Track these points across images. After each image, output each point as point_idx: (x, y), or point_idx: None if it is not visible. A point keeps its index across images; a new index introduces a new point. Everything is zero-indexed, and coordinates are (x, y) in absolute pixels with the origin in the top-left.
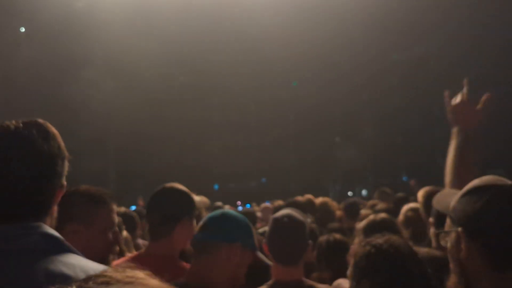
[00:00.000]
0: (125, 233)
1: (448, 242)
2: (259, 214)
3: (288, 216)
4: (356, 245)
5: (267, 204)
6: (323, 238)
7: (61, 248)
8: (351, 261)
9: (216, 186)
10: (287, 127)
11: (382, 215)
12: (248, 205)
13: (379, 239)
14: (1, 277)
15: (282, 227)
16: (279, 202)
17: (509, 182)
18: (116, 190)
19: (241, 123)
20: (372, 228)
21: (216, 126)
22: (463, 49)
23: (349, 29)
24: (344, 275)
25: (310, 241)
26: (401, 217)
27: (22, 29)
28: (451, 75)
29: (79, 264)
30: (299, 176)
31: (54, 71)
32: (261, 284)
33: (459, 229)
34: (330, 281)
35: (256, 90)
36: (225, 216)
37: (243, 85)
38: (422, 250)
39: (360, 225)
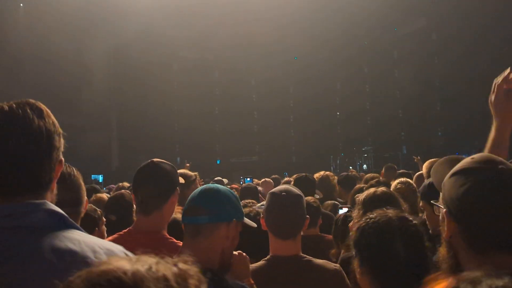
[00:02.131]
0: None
1: (440, 213)
2: (260, 188)
3: (286, 191)
4: (355, 217)
5: (267, 179)
6: (340, 216)
7: (65, 225)
8: (351, 236)
9: (218, 161)
10: (288, 101)
11: (383, 188)
12: (248, 180)
13: (374, 214)
14: (9, 253)
15: (280, 201)
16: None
17: (499, 162)
18: (119, 165)
19: (242, 97)
20: (372, 201)
21: (218, 101)
22: (463, 23)
23: (351, 3)
24: None
25: (307, 216)
26: (392, 186)
27: (21, 4)
28: (452, 47)
29: (83, 240)
30: (300, 151)
31: (56, 47)
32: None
33: (444, 210)
34: None
35: (256, 65)
36: (215, 195)
37: (244, 61)
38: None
39: (360, 197)
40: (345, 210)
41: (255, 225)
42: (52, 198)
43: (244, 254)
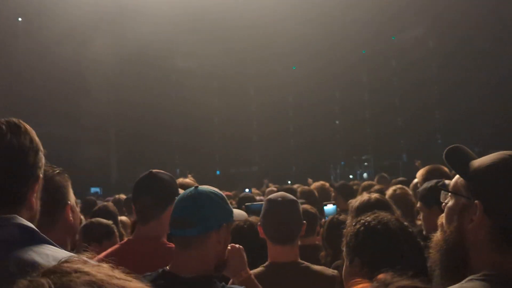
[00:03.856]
0: (124, 217)
1: (451, 201)
2: (257, 198)
3: (282, 196)
4: (349, 224)
5: (272, 187)
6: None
7: (35, 239)
8: (344, 240)
9: (218, 172)
10: (287, 111)
11: (376, 195)
12: (246, 191)
13: (368, 217)
14: None
15: (276, 207)
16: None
17: None
18: (119, 177)
19: (241, 108)
20: (365, 208)
21: (217, 112)
22: (462, 32)
23: (349, 12)
24: None
25: (304, 221)
26: (389, 192)
27: (19, 18)
28: (450, 56)
29: (53, 254)
30: (300, 160)
31: (54, 60)
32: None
33: (477, 201)
34: None
35: (255, 75)
36: (199, 202)
37: (243, 70)
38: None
39: (354, 204)
40: (330, 207)
41: (245, 216)
42: (31, 215)
43: (237, 246)
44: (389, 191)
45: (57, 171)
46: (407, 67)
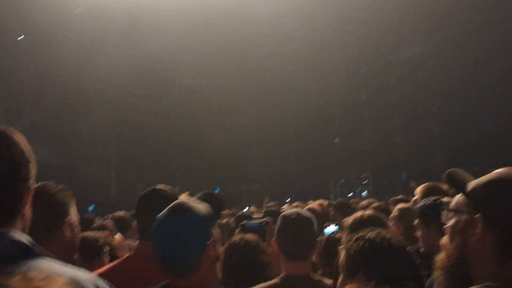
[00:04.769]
0: (118, 235)
1: (452, 220)
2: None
3: (297, 213)
4: (345, 241)
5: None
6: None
7: (30, 254)
8: (343, 255)
9: (217, 190)
10: (287, 128)
11: (369, 212)
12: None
13: (371, 233)
14: None
15: (291, 223)
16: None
17: None
18: (117, 195)
19: (242, 126)
20: (359, 225)
21: (217, 130)
22: (460, 47)
23: (346, 29)
24: None
25: (319, 238)
26: (395, 212)
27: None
28: (449, 74)
29: (49, 268)
30: (300, 178)
31: (54, 79)
32: None
33: (478, 215)
34: None
35: (255, 94)
36: (186, 231)
37: (243, 90)
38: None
39: (348, 221)
40: (331, 229)
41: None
42: (24, 226)
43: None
44: (395, 212)
45: (61, 188)
46: (406, 85)
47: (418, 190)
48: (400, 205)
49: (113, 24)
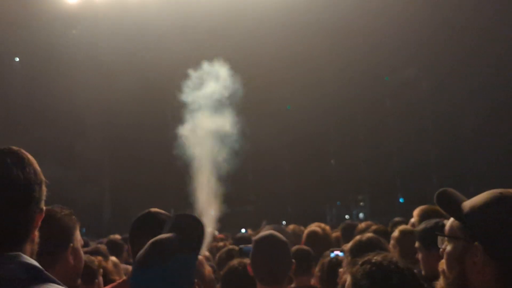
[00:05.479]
0: (114, 258)
1: (449, 246)
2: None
3: (270, 237)
4: (346, 265)
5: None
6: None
7: (39, 278)
8: (349, 280)
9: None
10: (282, 150)
11: (368, 235)
12: (243, 230)
13: (376, 257)
14: None
15: (265, 247)
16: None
17: None
18: (112, 218)
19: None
20: (359, 248)
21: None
22: (453, 69)
23: (342, 53)
24: None
25: (293, 260)
26: (396, 233)
27: (16, 58)
28: (445, 96)
29: None
30: (295, 201)
31: (47, 102)
32: None
33: (476, 243)
34: None
35: (250, 115)
36: (166, 256)
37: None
38: None
39: (348, 246)
40: (336, 253)
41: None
42: (32, 248)
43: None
44: (396, 233)
45: (66, 212)
46: (402, 107)
47: (416, 212)
48: (402, 227)
49: (106, 46)
